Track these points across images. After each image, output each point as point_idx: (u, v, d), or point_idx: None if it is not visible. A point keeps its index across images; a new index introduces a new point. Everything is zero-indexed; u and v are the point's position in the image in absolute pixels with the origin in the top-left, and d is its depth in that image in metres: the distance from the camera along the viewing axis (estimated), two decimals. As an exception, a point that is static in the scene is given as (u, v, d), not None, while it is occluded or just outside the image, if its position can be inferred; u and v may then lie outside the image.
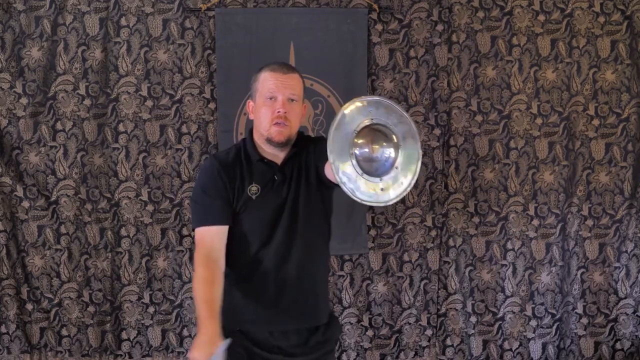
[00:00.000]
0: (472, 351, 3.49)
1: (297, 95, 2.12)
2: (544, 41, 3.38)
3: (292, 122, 2.09)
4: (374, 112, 1.76)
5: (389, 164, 1.77)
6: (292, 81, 2.12)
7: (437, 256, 3.45)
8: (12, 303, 3.32)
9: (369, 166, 1.76)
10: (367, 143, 1.77)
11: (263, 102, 2.09)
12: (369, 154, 1.77)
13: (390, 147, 1.78)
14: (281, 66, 2.14)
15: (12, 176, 3.27)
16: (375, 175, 1.74)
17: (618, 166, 3.45)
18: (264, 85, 2.10)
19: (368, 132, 1.76)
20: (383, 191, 1.75)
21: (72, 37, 3.26)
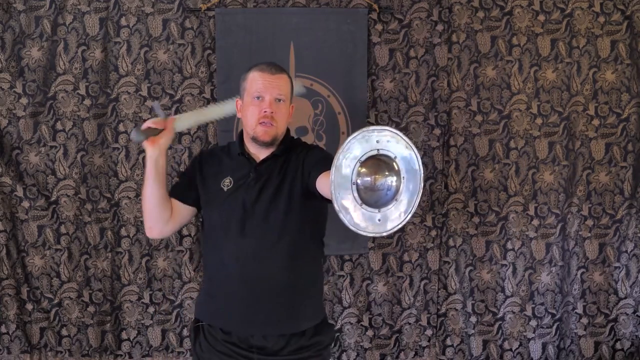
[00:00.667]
0: (472, 351, 3.50)
1: (285, 96, 2.14)
2: (544, 41, 3.38)
3: (278, 122, 2.11)
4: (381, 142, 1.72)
5: (391, 193, 1.74)
6: (280, 81, 2.13)
7: (437, 256, 3.46)
8: (12, 303, 3.32)
9: (370, 195, 1.73)
10: (370, 173, 1.74)
11: (250, 102, 2.12)
12: (370, 183, 1.73)
13: (392, 176, 1.74)
14: (270, 66, 2.16)
15: (12, 176, 3.27)
16: (375, 206, 1.71)
17: (618, 166, 3.45)
18: (252, 85, 2.13)
19: (372, 162, 1.73)
20: (380, 222, 1.72)
21: (72, 37, 3.26)
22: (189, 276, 3.36)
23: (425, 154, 3.40)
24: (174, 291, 3.38)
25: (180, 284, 3.38)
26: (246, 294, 2.11)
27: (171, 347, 3.42)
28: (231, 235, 2.12)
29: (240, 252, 2.11)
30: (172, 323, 3.40)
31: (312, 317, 2.22)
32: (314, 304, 2.25)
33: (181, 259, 3.36)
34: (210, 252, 2.22)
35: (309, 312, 2.21)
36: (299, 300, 2.17)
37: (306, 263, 2.20)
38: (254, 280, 2.11)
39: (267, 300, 2.12)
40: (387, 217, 1.72)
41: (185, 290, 3.39)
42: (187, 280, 3.37)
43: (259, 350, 2.13)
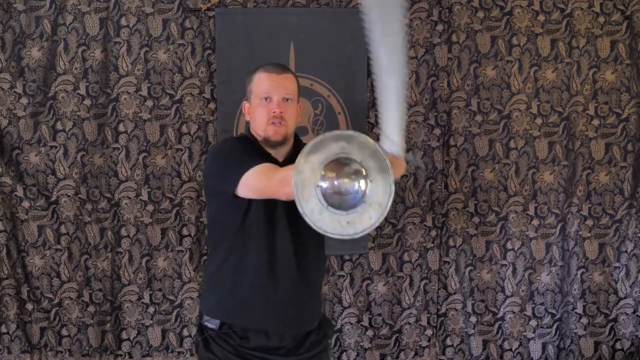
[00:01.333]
0: (472, 351, 3.50)
1: (292, 95, 2.14)
2: (544, 41, 3.38)
3: (288, 121, 2.11)
4: (346, 147, 1.74)
5: (360, 196, 1.75)
6: (287, 81, 2.14)
7: (437, 256, 3.46)
8: (12, 303, 3.32)
9: (338, 199, 1.74)
10: (336, 176, 1.75)
11: (258, 103, 2.12)
12: (337, 186, 1.74)
13: (360, 179, 1.75)
14: (275, 66, 2.16)
15: (12, 176, 3.27)
16: (343, 209, 1.72)
17: (618, 166, 3.45)
18: (258, 86, 2.13)
19: (338, 166, 1.74)
20: (349, 224, 1.73)
21: (72, 37, 3.26)
22: (189, 276, 3.36)
23: (425, 154, 3.40)
24: (174, 291, 3.38)
25: (180, 284, 3.38)
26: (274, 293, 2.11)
27: (171, 347, 3.42)
28: (275, 229, 2.10)
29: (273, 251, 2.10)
30: (172, 323, 3.40)
31: (320, 314, 2.28)
32: (320, 300, 2.33)
33: (181, 259, 3.36)
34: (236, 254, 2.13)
35: (321, 306, 2.30)
36: (317, 298, 2.25)
37: (323, 261, 2.30)
38: (285, 276, 2.11)
39: (294, 297, 2.14)
40: (356, 219, 1.73)
41: (185, 290, 3.39)
42: (187, 280, 3.37)
43: (276, 350, 2.13)
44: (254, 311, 2.12)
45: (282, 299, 2.12)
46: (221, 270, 2.18)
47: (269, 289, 2.11)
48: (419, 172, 3.40)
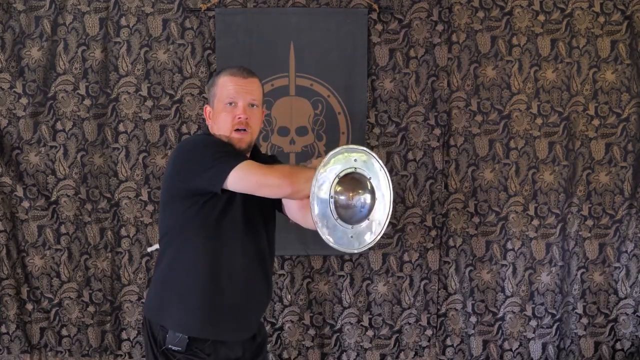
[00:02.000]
0: (472, 351, 3.49)
1: (257, 101, 2.06)
2: (544, 41, 3.38)
3: (253, 127, 2.04)
4: (359, 162, 1.80)
5: (365, 211, 1.81)
6: (253, 86, 2.05)
7: (437, 256, 3.45)
8: (12, 303, 3.32)
9: (344, 212, 1.79)
10: (346, 190, 1.80)
11: (222, 108, 2.03)
12: (346, 200, 1.79)
13: (366, 194, 1.82)
14: (241, 70, 2.07)
15: (12, 176, 3.27)
16: (349, 223, 1.78)
17: (618, 166, 3.45)
18: (223, 90, 2.04)
19: (348, 180, 1.80)
20: (352, 239, 1.79)
21: (72, 37, 3.26)
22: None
23: (425, 154, 3.40)
24: (174, 291, 3.38)
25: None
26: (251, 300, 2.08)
27: (171, 347, 3.41)
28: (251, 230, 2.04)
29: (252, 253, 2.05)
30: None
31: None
32: None
33: (181, 259, 3.36)
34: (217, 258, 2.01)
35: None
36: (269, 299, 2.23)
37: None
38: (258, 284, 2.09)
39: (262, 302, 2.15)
40: (360, 234, 1.80)
41: (185, 290, 3.38)
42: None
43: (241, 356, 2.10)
44: (231, 322, 2.03)
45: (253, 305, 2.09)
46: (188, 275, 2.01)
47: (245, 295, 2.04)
48: (418, 173, 3.40)
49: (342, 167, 1.78)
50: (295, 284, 3.42)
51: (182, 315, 2.00)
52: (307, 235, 3.34)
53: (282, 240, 2.24)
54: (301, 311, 3.43)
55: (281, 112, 3.30)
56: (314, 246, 3.34)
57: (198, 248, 1.99)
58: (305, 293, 3.43)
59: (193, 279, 2.00)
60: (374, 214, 1.79)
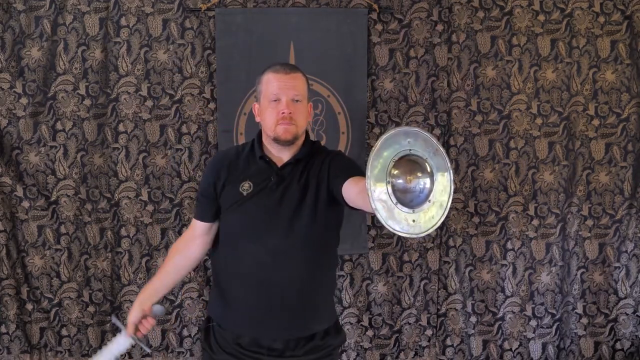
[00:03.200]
0: (472, 351, 3.50)
1: (301, 95, 2.10)
2: (544, 41, 3.38)
3: (298, 121, 2.08)
4: (413, 143, 1.72)
5: (424, 195, 1.72)
6: (295, 81, 2.10)
7: (437, 256, 3.46)
8: (12, 303, 3.32)
9: (403, 197, 1.70)
10: (403, 173, 1.72)
11: (268, 104, 2.09)
12: (404, 184, 1.71)
13: (425, 178, 1.72)
14: (284, 67, 2.13)
15: (12, 176, 3.27)
16: (409, 207, 1.69)
17: (618, 166, 3.45)
18: (267, 87, 2.09)
19: (405, 163, 1.72)
20: (414, 222, 1.69)
21: (72, 37, 3.26)
22: (188, 276, 3.36)
23: (425, 154, 3.39)
24: (174, 291, 3.38)
25: (180, 283, 3.38)
26: (262, 300, 2.08)
27: (171, 347, 3.42)
28: (251, 240, 2.07)
29: (260, 257, 2.06)
30: (172, 323, 3.40)
31: (324, 321, 2.21)
32: (327, 308, 2.25)
33: (181, 259, 3.36)
34: (225, 257, 2.16)
35: (322, 316, 2.21)
36: (313, 307, 2.16)
37: (324, 270, 2.19)
38: (272, 286, 2.07)
39: (283, 306, 2.10)
40: (421, 218, 1.70)
41: (185, 290, 3.39)
42: (187, 280, 3.37)
43: (269, 351, 2.12)
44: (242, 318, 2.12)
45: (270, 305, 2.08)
46: (215, 279, 2.29)
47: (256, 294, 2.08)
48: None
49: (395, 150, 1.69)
50: (295, 284, 3.41)
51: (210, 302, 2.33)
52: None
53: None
54: (301, 311, 3.43)
55: (281, 112, 3.30)
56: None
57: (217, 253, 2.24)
58: (305, 293, 3.43)
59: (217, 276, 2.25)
60: (434, 194, 1.70)
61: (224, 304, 2.17)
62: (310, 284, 2.12)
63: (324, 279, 2.20)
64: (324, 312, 2.22)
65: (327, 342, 2.19)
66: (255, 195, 2.08)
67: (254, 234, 2.07)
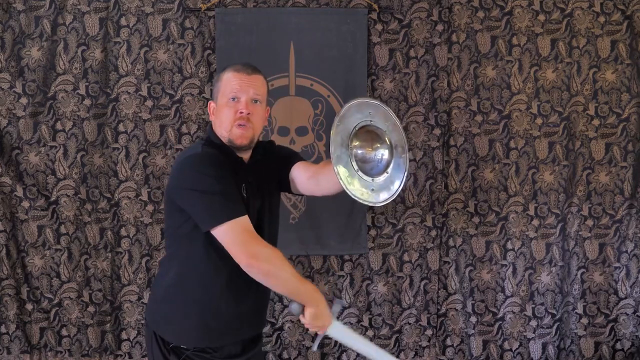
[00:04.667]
0: (472, 351, 3.49)
1: (261, 97, 2.05)
2: (544, 41, 3.38)
3: (255, 123, 2.02)
4: (373, 114, 1.79)
5: (382, 165, 1.81)
6: (257, 82, 2.05)
7: (437, 256, 3.45)
8: (12, 303, 3.32)
9: (363, 166, 1.79)
10: (363, 143, 1.80)
11: (225, 103, 2.02)
12: (363, 154, 1.79)
13: (384, 149, 1.81)
14: (245, 67, 2.07)
15: (12, 176, 3.27)
16: (369, 175, 1.77)
17: (618, 166, 3.45)
18: (227, 86, 2.03)
19: (365, 133, 1.79)
20: (374, 191, 1.77)
21: (72, 37, 3.26)
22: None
23: (425, 154, 3.40)
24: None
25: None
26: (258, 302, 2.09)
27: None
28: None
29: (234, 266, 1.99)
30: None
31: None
32: None
33: (181, 259, 3.36)
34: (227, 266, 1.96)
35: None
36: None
37: None
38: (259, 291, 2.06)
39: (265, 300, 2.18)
40: (380, 187, 1.78)
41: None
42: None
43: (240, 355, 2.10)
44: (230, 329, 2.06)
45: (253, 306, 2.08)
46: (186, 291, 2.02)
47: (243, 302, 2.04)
48: (418, 173, 3.40)
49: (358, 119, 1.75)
50: (295, 284, 3.41)
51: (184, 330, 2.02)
52: (307, 235, 3.35)
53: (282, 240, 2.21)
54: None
55: (281, 112, 3.30)
56: (314, 246, 3.35)
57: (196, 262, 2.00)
58: (305, 293, 3.42)
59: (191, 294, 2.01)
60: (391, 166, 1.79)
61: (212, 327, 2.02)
62: None
63: None
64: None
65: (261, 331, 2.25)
66: (250, 197, 2.02)
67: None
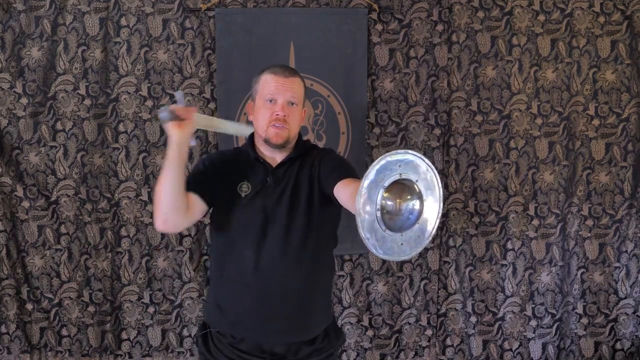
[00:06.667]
0: (472, 351, 3.50)
1: (298, 99, 2.10)
2: (544, 41, 3.38)
3: (291, 125, 2.07)
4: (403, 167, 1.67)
5: (414, 217, 1.71)
6: (293, 84, 2.10)
7: (437, 256, 3.46)
8: (12, 303, 3.33)
9: (392, 220, 1.70)
10: (393, 197, 1.71)
11: (263, 104, 2.08)
12: (393, 207, 1.70)
13: (414, 199, 1.71)
14: (283, 69, 2.12)
15: (12, 176, 3.27)
16: (397, 230, 1.68)
17: (618, 166, 3.45)
18: (264, 87, 2.09)
19: (395, 186, 1.69)
20: (402, 246, 1.69)
21: (72, 37, 3.26)
22: (189, 276, 3.36)
23: (425, 154, 3.39)
24: (174, 291, 3.39)
25: (180, 284, 3.38)
26: (263, 304, 2.06)
27: (171, 347, 3.42)
28: (251, 243, 2.04)
29: (260, 260, 2.03)
30: (172, 323, 3.40)
31: (322, 322, 2.20)
32: (325, 310, 2.23)
33: (181, 259, 3.36)
34: (224, 260, 2.11)
35: (321, 318, 2.20)
36: (312, 309, 2.14)
37: (322, 271, 2.18)
38: (272, 289, 2.05)
39: (282, 310, 2.08)
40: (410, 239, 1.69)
41: (185, 290, 3.39)
42: (187, 280, 3.37)
43: (272, 355, 2.10)
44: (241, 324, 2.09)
45: (269, 310, 2.06)
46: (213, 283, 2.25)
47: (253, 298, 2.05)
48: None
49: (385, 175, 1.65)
50: (295, 284, 3.42)
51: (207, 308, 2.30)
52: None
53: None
54: (301, 311, 3.43)
55: (281, 112, 3.30)
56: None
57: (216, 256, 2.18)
58: (305, 293, 3.43)
59: (213, 281, 2.24)
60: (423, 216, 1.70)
61: (221, 310, 2.13)
62: (308, 287, 2.10)
63: (321, 281, 2.18)
64: (322, 315, 2.20)
65: (327, 344, 2.18)
66: (254, 197, 2.06)
67: (254, 237, 2.04)
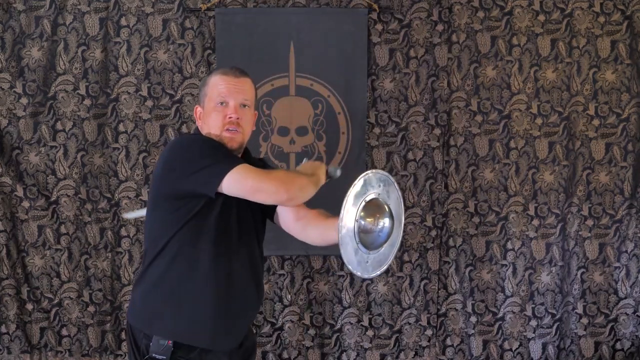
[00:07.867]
0: (472, 351, 3.50)
1: (249, 101, 2.02)
2: (544, 41, 3.38)
3: (244, 128, 2.00)
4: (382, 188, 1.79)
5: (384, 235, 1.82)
6: (245, 85, 2.02)
7: (437, 256, 3.45)
8: (12, 303, 3.32)
9: (365, 237, 1.78)
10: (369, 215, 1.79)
11: (213, 107, 1.99)
12: (367, 225, 1.79)
13: (385, 218, 1.81)
14: (233, 70, 2.04)
15: (12, 176, 3.28)
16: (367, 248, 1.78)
17: (618, 166, 3.45)
18: (214, 90, 2.00)
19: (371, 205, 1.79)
20: (367, 264, 1.78)
21: (72, 37, 3.26)
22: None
23: (425, 154, 3.40)
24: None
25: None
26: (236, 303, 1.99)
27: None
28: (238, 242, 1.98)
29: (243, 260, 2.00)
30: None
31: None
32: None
33: (181, 259, 3.36)
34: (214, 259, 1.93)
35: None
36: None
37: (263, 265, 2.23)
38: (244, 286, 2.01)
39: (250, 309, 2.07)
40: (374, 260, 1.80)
41: (185, 290, 3.38)
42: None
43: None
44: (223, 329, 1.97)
45: (245, 313, 2.03)
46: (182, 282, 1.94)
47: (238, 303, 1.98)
48: (418, 173, 3.40)
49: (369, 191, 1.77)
50: (295, 284, 3.42)
51: (174, 322, 1.93)
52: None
53: (282, 240, 2.20)
54: (301, 311, 3.43)
55: (281, 112, 3.30)
56: (314, 246, 3.34)
57: (192, 254, 1.93)
58: (306, 293, 3.43)
59: (187, 285, 1.93)
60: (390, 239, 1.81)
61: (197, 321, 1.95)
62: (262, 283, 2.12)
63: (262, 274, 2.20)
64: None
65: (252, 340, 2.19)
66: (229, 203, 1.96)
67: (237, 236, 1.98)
